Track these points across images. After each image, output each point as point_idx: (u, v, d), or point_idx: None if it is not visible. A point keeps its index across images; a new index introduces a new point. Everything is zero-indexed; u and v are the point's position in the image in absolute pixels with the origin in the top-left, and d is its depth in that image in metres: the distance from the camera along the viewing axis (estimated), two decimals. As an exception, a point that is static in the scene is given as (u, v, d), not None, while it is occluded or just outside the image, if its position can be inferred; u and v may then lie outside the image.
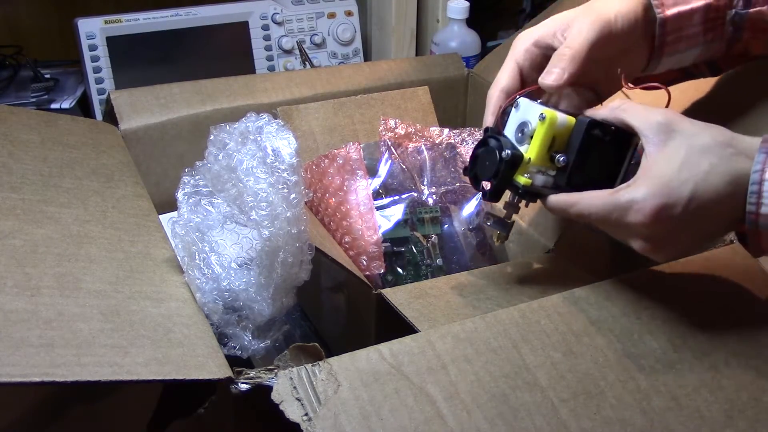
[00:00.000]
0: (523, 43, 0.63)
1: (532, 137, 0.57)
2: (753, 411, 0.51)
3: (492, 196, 0.58)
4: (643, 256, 0.55)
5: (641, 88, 0.59)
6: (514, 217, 0.62)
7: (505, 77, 0.62)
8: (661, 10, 0.62)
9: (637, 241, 0.53)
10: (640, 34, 0.62)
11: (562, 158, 0.56)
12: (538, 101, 0.59)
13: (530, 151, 0.56)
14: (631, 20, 0.61)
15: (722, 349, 0.54)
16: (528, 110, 0.58)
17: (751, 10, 0.63)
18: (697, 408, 0.50)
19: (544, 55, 0.62)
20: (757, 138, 0.52)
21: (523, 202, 0.60)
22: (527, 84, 0.62)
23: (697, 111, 0.72)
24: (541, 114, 0.56)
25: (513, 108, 0.59)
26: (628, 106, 0.55)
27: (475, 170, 0.60)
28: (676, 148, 0.51)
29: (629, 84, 0.60)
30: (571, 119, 0.57)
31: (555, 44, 0.61)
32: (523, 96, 0.59)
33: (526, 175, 0.56)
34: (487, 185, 0.59)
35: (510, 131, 0.59)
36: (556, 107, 0.58)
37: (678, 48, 0.64)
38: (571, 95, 0.60)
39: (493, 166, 0.57)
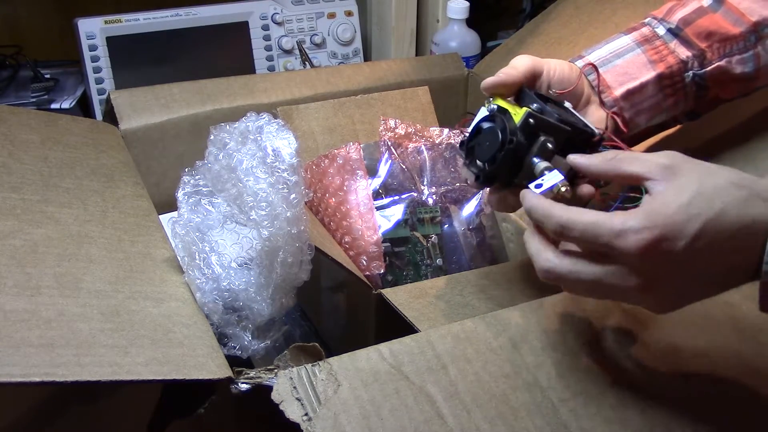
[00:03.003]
0: None
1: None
2: (753, 410, 0.51)
3: (524, 137, 0.53)
4: None
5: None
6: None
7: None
8: (608, 93, 0.62)
9: (625, 274, 0.45)
10: (592, 105, 0.62)
11: (535, 105, 0.55)
12: None
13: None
14: (565, 75, 0.61)
15: (722, 349, 0.54)
16: (474, 123, 0.57)
17: (709, 68, 0.62)
18: (698, 407, 0.50)
19: None
20: None
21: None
22: None
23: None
24: (488, 101, 0.57)
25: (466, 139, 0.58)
26: (624, 156, 0.49)
27: (474, 157, 0.56)
28: (685, 184, 0.45)
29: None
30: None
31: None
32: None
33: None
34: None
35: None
36: None
37: (638, 122, 0.63)
38: None
39: (494, 135, 0.54)
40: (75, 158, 0.70)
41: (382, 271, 0.69)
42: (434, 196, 0.77)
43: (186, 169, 0.63)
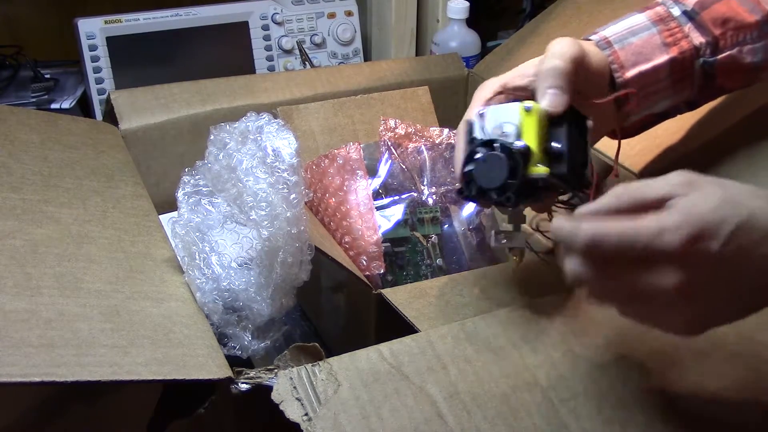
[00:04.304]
0: (491, 85, 0.59)
1: (517, 135, 0.53)
2: (755, 413, 0.51)
3: (517, 199, 0.53)
4: None
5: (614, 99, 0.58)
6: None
7: (475, 109, 0.57)
8: (621, 73, 0.60)
9: (664, 274, 0.44)
10: (606, 91, 0.59)
11: (557, 146, 0.53)
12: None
13: (527, 142, 0.53)
14: (600, 63, 0.59)
15: (723, 349, 0.54)
16: (500, 114, 0.55)
17: (720, 56, 0.61)
18: (698, 409, 0.50)
19: (513, 97, 0.58)
20: None
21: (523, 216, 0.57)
22: None
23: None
24: (527, 105, 0.53)
25: (478, 121, 0.56)
26: (639, 184, 0.47)
27: (473, 188, 0.54)
28: (710, 192, 0.44)
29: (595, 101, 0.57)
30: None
31: (525, 85, 0.57)
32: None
33: (539, 165, 0.52)
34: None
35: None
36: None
37: (643, 105, 0.62)
38: None
39: (503, 168, 0.52)
40: (75, 158, 0.70)
41: (382, 271, 0.69)
42: (434, 196, 0.77)
43: (186, 169, 0.63)
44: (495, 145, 0.53)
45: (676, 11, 0.62)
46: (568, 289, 0.58)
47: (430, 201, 0.76)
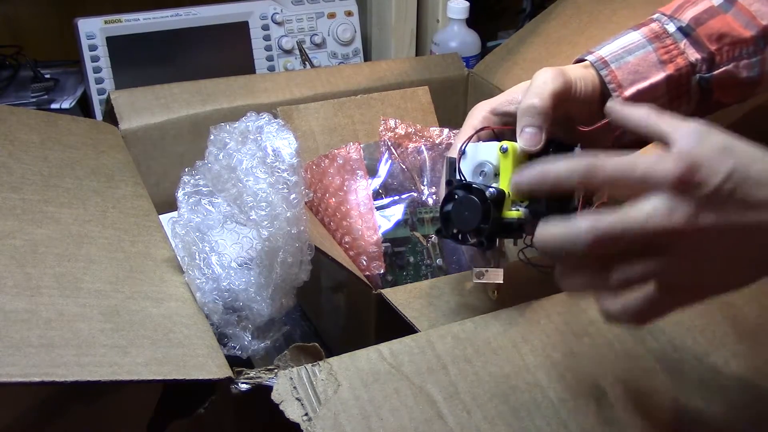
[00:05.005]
0: (480, 111, 0.61)
1: (496, 174, 0.55)
2: (754, 412, 0.51)
3: (489, 243, 0.55)
4: None
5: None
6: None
7: (463, 140, 0.59)
8: (619, 92, 0.60)
9: (666, 203, 0.43)
10: (599, 115, 0.59)
11: None
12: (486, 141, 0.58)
13: (503, 185, 0.55)
14: (588, 90, 0.59)
15: (722, 350, 0.54)
16: (479, 152, 0.56)
17: (717, 72, 0.61)
18: (698, 409, 0.50)
19: (502, 123, 0.60)
20: None
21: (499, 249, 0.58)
22: None
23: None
24: (503, 146, 0.55)
25: (461, 159, 0.58)
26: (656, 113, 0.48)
27: (451, 228, 0.56)
28: (714, 137, 0.45)
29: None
30: None
31: (513, 111, 0.58)
32: (468, 143, 0.58)
33: (514, 208, 0.54)
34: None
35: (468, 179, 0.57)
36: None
37: None
38: None
39: (477, 212, 0.54)
40: (75, 158, 0.70)
41: (382, 271, 0.69)
42: (434, 196, 0.77)
43: (186, 169, 0.63)
44: (471, 187, 0.55)
45: (671, 27, 0.62)
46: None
47: (430, 201, 0.76)
